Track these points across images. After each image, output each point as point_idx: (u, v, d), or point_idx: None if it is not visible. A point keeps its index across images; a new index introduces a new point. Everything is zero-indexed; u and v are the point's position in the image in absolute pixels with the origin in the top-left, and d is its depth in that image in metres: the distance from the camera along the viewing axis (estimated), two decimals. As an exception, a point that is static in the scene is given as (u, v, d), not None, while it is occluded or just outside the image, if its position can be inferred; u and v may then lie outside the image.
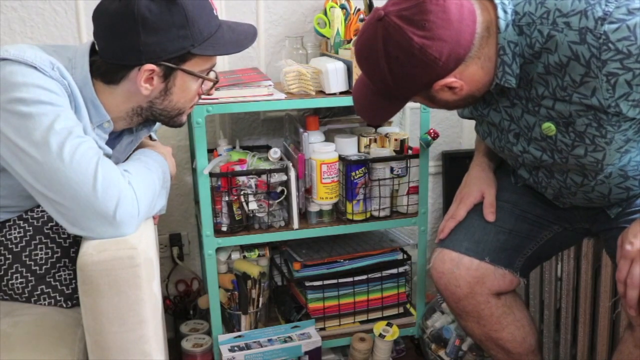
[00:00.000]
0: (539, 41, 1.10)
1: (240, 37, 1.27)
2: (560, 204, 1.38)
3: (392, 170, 1.73)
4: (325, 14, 1.79)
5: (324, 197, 1.68)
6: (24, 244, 1.20)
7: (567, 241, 1.50)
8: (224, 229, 1.64)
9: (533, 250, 1.42)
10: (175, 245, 1.97)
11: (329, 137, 1.75)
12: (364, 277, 1.80)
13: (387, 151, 1.74)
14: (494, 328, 1.41)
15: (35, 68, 1.09)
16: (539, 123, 1.21)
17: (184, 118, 1.31)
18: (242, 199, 1.61)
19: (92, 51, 1.20)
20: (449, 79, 1.10)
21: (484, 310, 1.38)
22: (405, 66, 1.08)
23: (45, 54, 1.14)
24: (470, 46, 1.09)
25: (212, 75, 1.28)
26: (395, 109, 1.22)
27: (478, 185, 1.45)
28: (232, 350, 1.64)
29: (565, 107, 1.14)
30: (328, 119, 1.80)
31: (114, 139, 1.31)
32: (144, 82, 1.17)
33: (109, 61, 1.18)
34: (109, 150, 1.25)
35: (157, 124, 1.50)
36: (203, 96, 1.31)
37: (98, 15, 1.18)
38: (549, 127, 1.19)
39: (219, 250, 1.67)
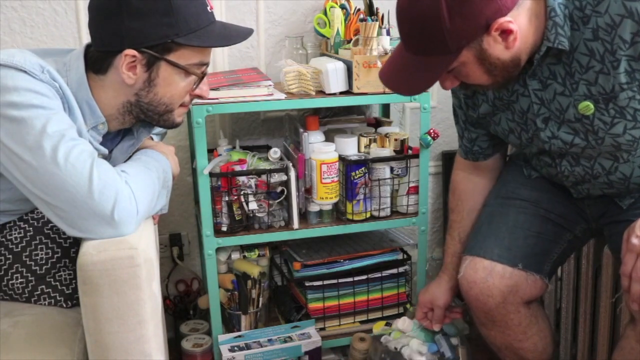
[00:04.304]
0: (590, 3, 1.11)
1: (232, 33, 1.25)
2: (576, 192, 1.37)
3: (392, 170, 1.73)
4: (325, 14, 1.79)
5: (324, 197, 1.67)
6: (24, 244, 1.20)
7: (580, 243, 1.49)
8: (224, 229, 1.64)
9: (558, 254, 1.41)
10: (175, 245, 1.97)
11: (329, 137, 1.74)
12: (364, 277, 1.79)
13: (387, 151, 1.74)
14: (518, 338, 1.39)
15: (25, 72, 1.08)
16: (575, 103, 1.19)
17: (176, 118, 1.27)
18: (242, 199, 1.61)
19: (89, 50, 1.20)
20: (508, 18, 1.07)
21: (512, 320, 1.37)
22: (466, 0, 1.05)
23: (34, 58, 1.13)
24: None
25: (199, 71, 1.23)
26: (443, 67, 1.14)
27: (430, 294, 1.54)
28: (232, 350, 1.64)
29: (609, 81, 1.13)
30: (328, 119, 1.80)
31: (115, 141, 1.30)
32: (126, 69, 1.16)
33: (97, 49, 1.18)
34: (105, 151, 1.24)
35: (157, 129, 1.50)
36: (200, 101, 1.29)
37: (90, 1, 1.18)
38: (586, 106, 1.17)
39: (219, 250, 1.67)
